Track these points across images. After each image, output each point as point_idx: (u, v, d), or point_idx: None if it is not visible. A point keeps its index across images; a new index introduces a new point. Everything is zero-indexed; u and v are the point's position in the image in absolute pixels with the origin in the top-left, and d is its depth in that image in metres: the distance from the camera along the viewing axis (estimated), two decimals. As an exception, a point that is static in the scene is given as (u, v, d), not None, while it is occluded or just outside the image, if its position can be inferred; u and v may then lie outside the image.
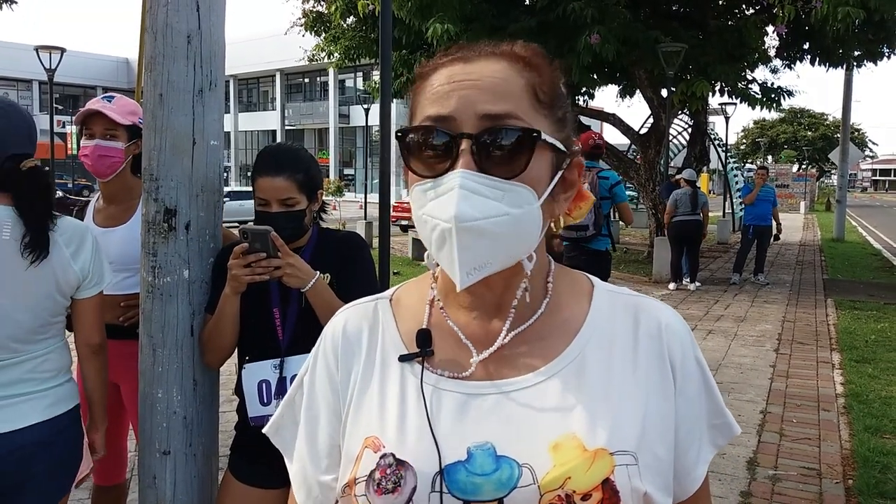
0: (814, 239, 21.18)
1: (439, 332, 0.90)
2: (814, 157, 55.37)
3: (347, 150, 47.07)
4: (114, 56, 53.76)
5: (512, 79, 0.83)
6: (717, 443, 0.92)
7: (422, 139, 0.83)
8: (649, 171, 14.82)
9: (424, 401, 0.85)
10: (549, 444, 0.80)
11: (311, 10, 15.31)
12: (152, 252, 1.96)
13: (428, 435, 0.82)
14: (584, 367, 0.85)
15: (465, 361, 0.87)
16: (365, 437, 0.86)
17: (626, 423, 0.82)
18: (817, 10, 9.64)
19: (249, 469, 1.99)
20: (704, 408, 0.90)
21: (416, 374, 0.88)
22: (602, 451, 0.79)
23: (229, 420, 2.22)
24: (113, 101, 2.48)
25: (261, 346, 1.96)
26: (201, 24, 1.95)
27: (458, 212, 0.77)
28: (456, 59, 0.85)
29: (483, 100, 0.81)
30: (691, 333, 0.92)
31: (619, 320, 0.89)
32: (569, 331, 0.88)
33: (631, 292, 0.94)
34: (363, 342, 0.93)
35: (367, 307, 0.97)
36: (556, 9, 10.98)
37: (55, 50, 14.80)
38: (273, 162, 1.93)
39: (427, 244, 0.84)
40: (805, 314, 9.26)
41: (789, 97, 14.34)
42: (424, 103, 0.85)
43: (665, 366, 0.87)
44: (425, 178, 0.82)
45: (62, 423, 1.93)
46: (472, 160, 0.79)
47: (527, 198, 0.81)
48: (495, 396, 0.84)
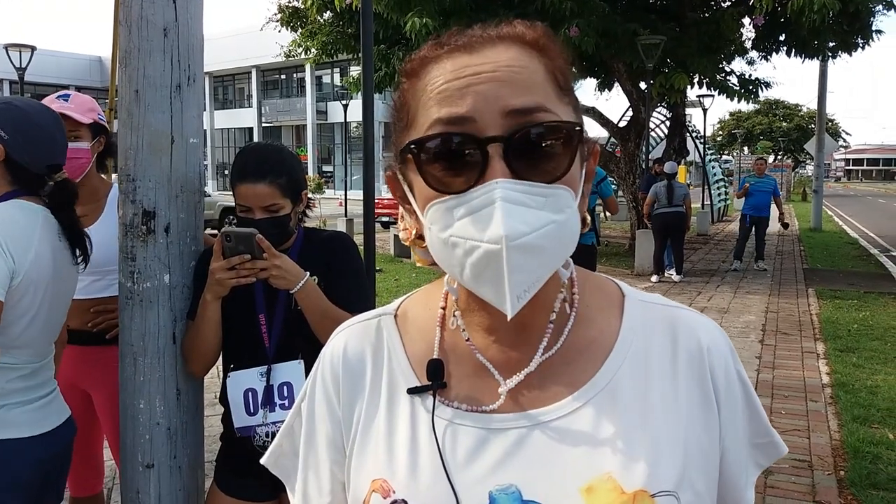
0: (792, 229, 21.39)
1: (454, 355, 0.80)
2: (789, 148, 56.04)
3: (325, 147, 46.82)
4: (86, 54, 52.97)
5: (531, 66, 0.71)
6: (760, 463, 0.83)
7: (438, 148, 0.70)
8: (629, 164, 14.86)
9: (436, 438, 0.74)
10: (582, 486, 0.70)
11: (288, 4, 15.14)
12: (131, 256, 1.87)
13: (443, 478, 0.72)
14: (618, 394, 0.74)
15: (485, 391, 0.77)
16: (372, 479, 0.76)
17: (666, 460, 0.72)
18: (794, 2, 9.69)
19: (237, 482, 1.91)
20: (749, 428, 0.81)
21: (429, 409, 0.77)
22: (642, 494, 0.69)
23: (213, 425, 2.13)
24: (70, 100, 2.37)
25: (246, 354, 1.88)
26: (178, 16, 1.85)
27: (507, 230, 0.65)
28: (456, 48, 0.72)
29: (506, 93, 0.68)
30: (733, 348, 0.82)
31: (655, 338, 0.78)
32: (599, 351, 0.77)
33: (666, 301, 0.83)
34: (367, 368, 0.82)
35: (368, 325, 0.86)
36: (534, 2, 10.94)
37: (25, 48, 14.53)
38: (254, 167, 1.83)
39: (454, 270, 0.71)
40: (788, 304, 9.32)
41: (767, 88, 14.47)
42: (429, 105, 0.71)
43: (707, 390, 0.77)
44: (446, 193, 0.69)
45: (72, 420, 1.97)
46: (507, 166, 0.67)
47: (567, 200, 0.70)
48: (518, 431, 0.73)
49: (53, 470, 1.88)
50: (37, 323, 1.78)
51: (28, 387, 1.81)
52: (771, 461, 0.84)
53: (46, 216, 1.83)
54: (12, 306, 1.70)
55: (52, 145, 1.86)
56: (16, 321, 1.73)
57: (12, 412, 1.76)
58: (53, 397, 1.90)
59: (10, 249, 1.68)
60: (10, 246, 1.68)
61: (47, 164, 1.83)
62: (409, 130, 0.74)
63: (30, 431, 1.79)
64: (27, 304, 1.74)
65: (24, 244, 1.72)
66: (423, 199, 0.72)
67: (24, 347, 1.78)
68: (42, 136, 1.83)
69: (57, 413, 1.89)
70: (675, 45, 12.28)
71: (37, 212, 1.81)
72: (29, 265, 1.72)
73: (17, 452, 1.76)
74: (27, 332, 1.76)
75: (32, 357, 1.81)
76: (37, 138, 1.81)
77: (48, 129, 1.84)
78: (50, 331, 1.86)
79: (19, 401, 1.78)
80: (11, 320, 1.71)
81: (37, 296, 1.76)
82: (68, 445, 1.93)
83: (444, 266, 0.73)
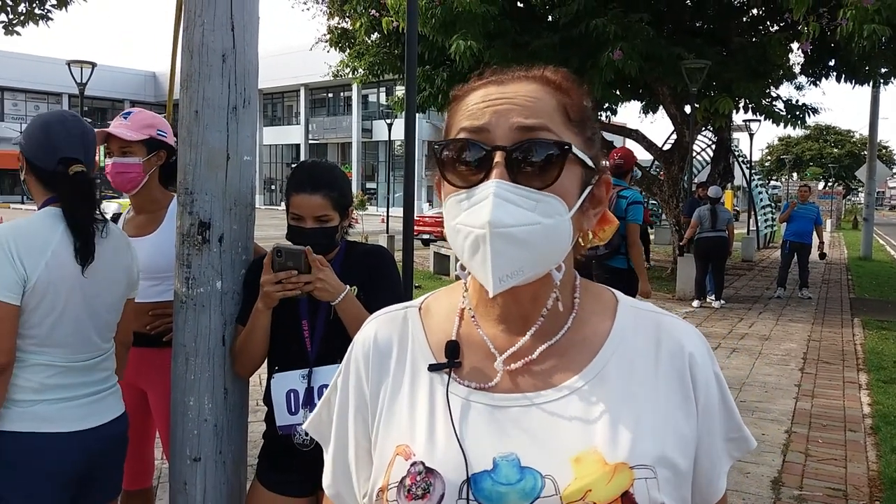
0: (840, 257, 20.90)
1: (468, 342, 0.93)
2: (840, 175, 54.72)
3: (370, 164, 47.38)
4: (141, 70, 54.79)
5: (544, 98, 0.87)
6: (733, 455, 0.95)
7: (457, 152, 0.86)
8: (673, 188, 14.75)
9: (450, 411, 0.87)
10: (571, 456, 0.83)
11: (337, 26, 15.51)
12: (186, 263, 2.02)
13: (455, 444, 0.85)
14: (606, 382, 0.88)
15: (491, 372, 0.90)
16: (396, 444, 0.89)
17: (645, 438, 0.84)
18: (843, 28, 9.57)
19: (277, 477, 2.03)
20: (724, 423, 0.93)
21: (445, 385, 0.91)
22: (622, 466, 0.82)
23: (253, 431, 2.26)
24: (129, 118, 2.55)
25: (290, 357, 2.01)
26: (236, 43, 2.00)
27: (492, 217, 0.80)
28: (490, 81, 0.90)
29: (517, 113, 0.85)
30: (711, 351, 0.95)
31: (641, 337, 0.92)
32: (592, 346, 0.91)
33: (654, 308, 0.96)
34: (393, 351, 0.96)
35: (396, 315, 1.00)
36: (579, 25, 11.02)
37: (86, 64, 15.09)
38: (310, 180, 1.97)
39: (459, 254, 0.87)
40: (831, 333, 9.15)
41: (814, 114, 14.24)
42: (460, 119, 0.89)
43: (686, 384, 0.89)
44: (460, 188, 0.86)
45: (126, 417, 2.08)
46: (506, 171, 0.83)
47: (558, 209, 0.84)
48: (520, 409, 0.87)
49: (98, 465, 1.96)
50: (65, 322, 1.87)
51: (69, 384, 1.90)
52: (742, 454, 0.97)
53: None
54: (33, 309, 1.82)
55: (60, 141, 1.95)
56: (40, 322, 1.84)
57: (51, 407, 1.86)
58: (102, 396, 1.99)
59: (21, 257, 1.79)
60: (22, 254, 1.80)
61: (59, 157, 1.93)
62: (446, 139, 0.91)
63: (68, 427, 1.88)
64: (48, 305, 1.84)
65: (38, 250, 1.82)
66: (444, 194, 0.89)
67: (58, 346, 1.88)
68: (47, 134, 1.95)
69: (103, 411, 1.98)
70: (720, 70, 12.21)
71: (60, 217, 1.91)
72: (43, 269, 1.82)
73: (52, 446, 1.85)
74: (57, 332, 1.86)
75: (70, 355, 1.90)
76: (42, 138, 1.95)
77: (54, 127, 1.96)
78: (87, 329, 1.93)
79: (58, 397, 1.88)
80: (36, 322, 1.83)
81: (58, 297, 1.85)
82: (114, 441, 2.02)
83: (454, 250, 0.88)
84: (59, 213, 1.91)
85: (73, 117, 2.04)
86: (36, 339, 1.85)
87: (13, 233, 1.82)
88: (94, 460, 1.95)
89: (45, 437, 1.84)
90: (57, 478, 1.87)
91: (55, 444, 1.85)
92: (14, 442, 1.82)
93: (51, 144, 1.94)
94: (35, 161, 1.96)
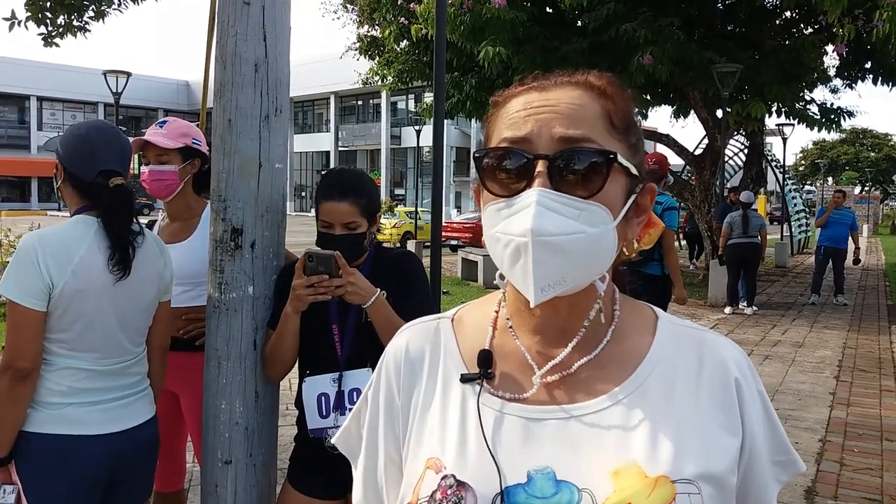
0: (877, 263, 20.46)
1: (501, 353, 0.91)
2: (877, 179, 53.62)
3: (398, 171, 47.63)
4: (174, 79, 55.71)
5: (588, 105, 0.84)
6: (780, 479, 0.92)
7: (497, 160, 0.84)
8: (704, 193, 14.58)
9: (481, 423, 0.86)
10: (611, 470, 0.80)
11: (366, 34, 15.66)
12: (219, 269, 2.05)
13: (488, 457, 0.83)
14: (647, 396, 0.85)
15: (526, 383, 0.88)
16: (427, 457, 0.87)
17: (688, 453, 0.81)
18: (878, 29, 9.39)
19: (308, 480, 2.06)
20: (769, 446, 0.90)
21: (477, 395, 0.88)
22: (663, 479, 0.79)
23: (283, 434, 2.29)
24: (164, 126, 2.60)
25: (320, 361, 2.04)
26: (268, 53, 2.04)
27: (534, 225, 0.78)
28: (532, 87, 0.87)
29: (559, 123, 0.82)
30: (754, 368, 0.91)
31: (683, 355, 0.89)
32: (632, 360, 0.88)
33: (695, 326, 0.94)
34: (425, 363, 0.95)
35: (428, 326, 0.99)
36: (608, 30, 10.97)
37: (121, 74, 15.40)
38: (339, 187, 2.00)
39: (499, 263, 0.84)
40: (867, 340, 8.96)
41: (850, 118, 13.96)
42: (501, 127, 0.87)
43: (731, 402, 0.86)
44: (500, 197, 0.83)
45: (156, 421, 2.11)
46: (549, 180, 0.80)
47: (602, 218, 0.81)
48: (556, 422, 0.84)
49: (126, 468, 1.98)
50: (95, 327, 1.90)
51: (98, 388, 1.93)
52: (790, 477, 0.93)
53: (101, 227, 1.95)
54: (60, 315, 1.86)
55: (100, 153, 1.98)
56: (69, 327, 1.87)
57: (79, 410, 1.89)
58: (132, 399, 2.01)
59: (47, 264, 1.83)
60: (48, 261, 1.83)
61: (99, 169, 1.96)
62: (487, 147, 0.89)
63: (96, 430, 1.91)
64: (76, 311, 1.87)
65: (65, 258, 1.85)
66: (484, 203, 0.87)
67: (88, 351, 1.91)
68: (88, 146, 1.98)
69: (132, 415, 2.00)
70: (752, 73, 12.04)
71: (91, 225, 1.93)
72: (69, 277, 1.85)
73: (80, 449, 1.88)
74: (86, 337, 1.90)
75: (100, 359, 1.93)
76: (83, 149, 1.98)
77: (94, 139, 1.99)
78: (117, 334, 1.96)
79: (88, 401, 1.91)
80: (64, 326, 1.87)
81: (86, 302, 1.88)
82: (143, 445, 2.04)
83: (494, 259, 0.86)
84: (91, 221, 1.95)
85: (111, 128, 2.08)
86: (65, 343, 1.88)
87: (41, 240, 1.86)
88: (122, 463, 1.97)
89: (74, 440, 1.88)
90: (85, 480, 1.90)
91: (83, 446, 1.89)
92: (43, 443, 1.86)
93: (91, 156, 1.98)
94: (74, 171, 1.99)
